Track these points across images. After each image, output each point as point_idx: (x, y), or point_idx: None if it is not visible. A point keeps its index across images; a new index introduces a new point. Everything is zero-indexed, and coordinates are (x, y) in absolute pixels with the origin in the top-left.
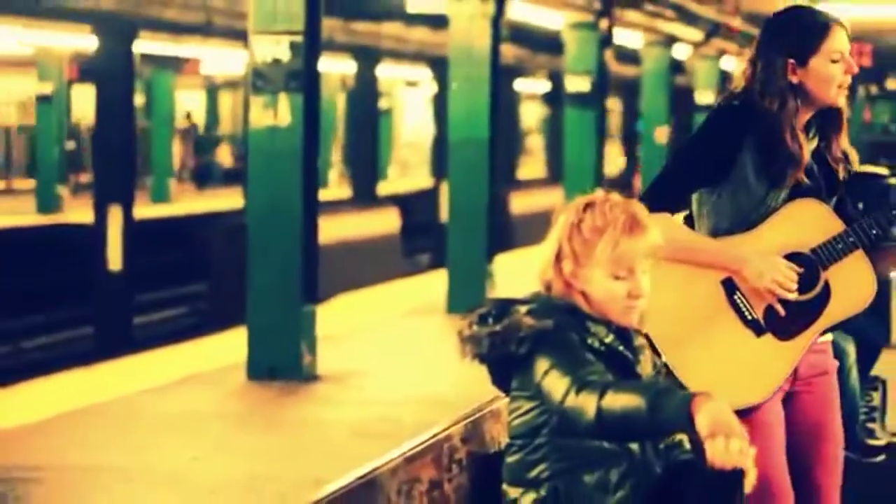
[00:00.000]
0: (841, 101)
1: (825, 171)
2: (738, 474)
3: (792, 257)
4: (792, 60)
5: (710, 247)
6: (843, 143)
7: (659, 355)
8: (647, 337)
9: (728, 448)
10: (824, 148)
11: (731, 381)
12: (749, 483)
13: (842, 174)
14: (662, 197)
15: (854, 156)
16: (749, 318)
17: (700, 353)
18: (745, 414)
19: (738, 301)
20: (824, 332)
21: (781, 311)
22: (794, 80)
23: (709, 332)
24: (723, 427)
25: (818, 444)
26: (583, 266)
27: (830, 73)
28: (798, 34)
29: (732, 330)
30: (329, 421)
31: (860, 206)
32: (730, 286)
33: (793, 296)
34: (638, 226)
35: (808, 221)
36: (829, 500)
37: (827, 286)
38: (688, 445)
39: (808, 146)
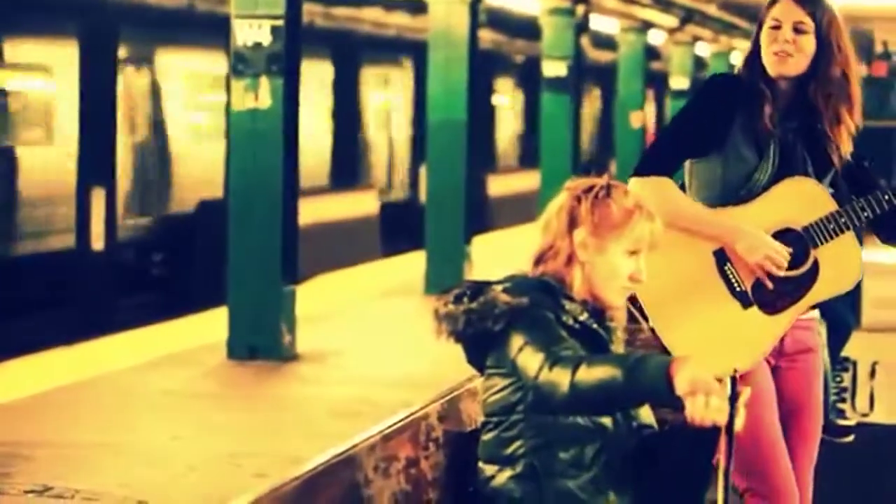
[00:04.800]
0: (782, 69)
1: (816, 152)
2: (713, 438)
3: (784, 233)
4: (756, 30)
5: (707, 217)
6: (835, 128)
7: (647, 319)
8: (634, 302)
9: (708, 404)
10: (812, 129)
11: (715, 349)
12: (738, 425)
13: (835, 159)
14: (659, 162)
15: (845, 145)
16: (738, 289)
17: (687, 320)
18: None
19: (728, 272)
20: (811, 309)
21: (769, 284)
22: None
23: (697, 301)
24: (702, 385)
25: (797, 421)
26: (601, 237)
27: (767, 39)
28: (765, 4)
29: (720, 300)
30: (308, 399)
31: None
32: (721, 257)
33: (782, 272)
34: (652, 213)
35: (802, 199)
36: (802, 475)
37: (816, 264)
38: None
39: (791, 122)
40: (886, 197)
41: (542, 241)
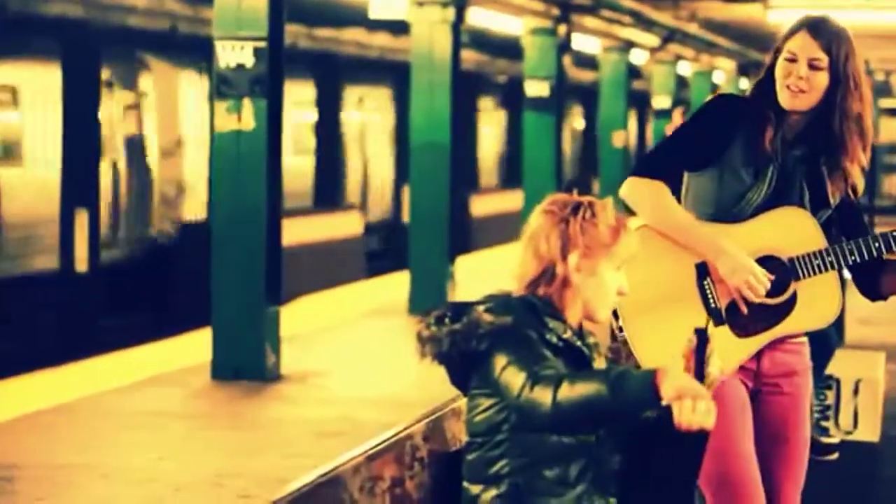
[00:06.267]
0: (794, 104)
1: (815, 186)
2: (698, 451)
3: (768, 259)
4: (771, 58)
5: (695, 230)
6: (848, 165)
7: (617, 319)
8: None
9: (696, 408)
10: (815, 163)
11: (678, 361)
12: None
13: (833, 197)
14: (657, 166)
15: (859, 182)
16: (712, 305)
17: (658, 327)
18: None
19: (706, 286)
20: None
21: (744, 308)
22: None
23: (671, 309)
24: (689, 390)
25: (782, 445)
26: (592, 258)
27: (780, 72)
28: (783, 34)
29: (693, 312)
30: (292, 420)
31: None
32: (702, 270)
33: (759, 299)
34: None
35: (793, 229)
36: (790, 500)
37: (794, 296)
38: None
39: (795, 151)
40: (876, 244)
41: (532, 266)
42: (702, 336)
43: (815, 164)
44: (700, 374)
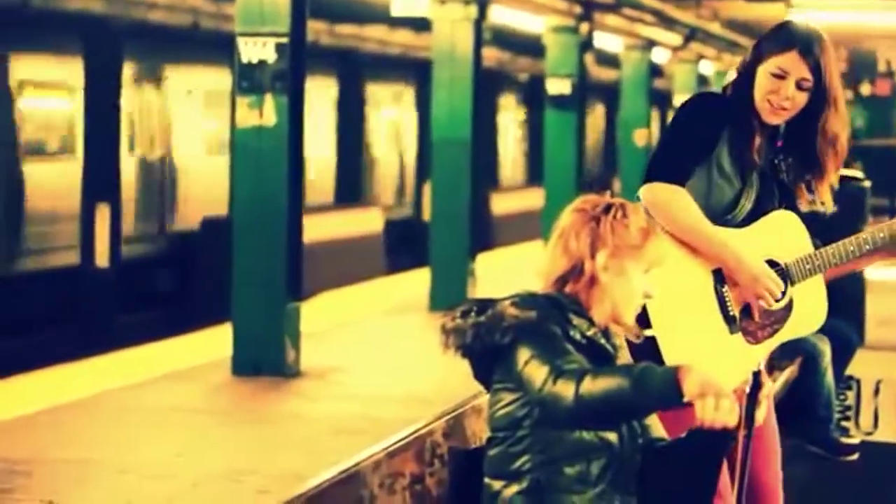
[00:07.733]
0: (773, 119)
1: (783, 188)
2: (718, 451)
3: (769, 265)
4: (751, 60)
5: (714, 238)
6: (819, 185)
7: (649, 326)
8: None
9: (719, 406)
10: (780, 165)
11: (703, 366)
12: (759, 417)
13: (804, 204)
14: (675, 172)
15: (827, 203)
16: (729, 313)
17: (681, 332)
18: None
19: (725, 294)
20: None
21: (757, 316)
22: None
23: (693, 315)
24: (712, 387)
25: (757, 444)
26: (620, 258)
27: (763, 84)
28: (765, 39)
29: (713, 320)
30: (311, 416)
31: (836, 208)
32: (719, 276)
33: (773, 305)
34: (660, 230)
35: (788, 235)
36: (773, 494)
37: (791, 301)
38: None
39: (769, 155)
40: (852, 248)
41: (561, 262)
42: (757, 379)
43: (777, 167)
44: (750, 415)
